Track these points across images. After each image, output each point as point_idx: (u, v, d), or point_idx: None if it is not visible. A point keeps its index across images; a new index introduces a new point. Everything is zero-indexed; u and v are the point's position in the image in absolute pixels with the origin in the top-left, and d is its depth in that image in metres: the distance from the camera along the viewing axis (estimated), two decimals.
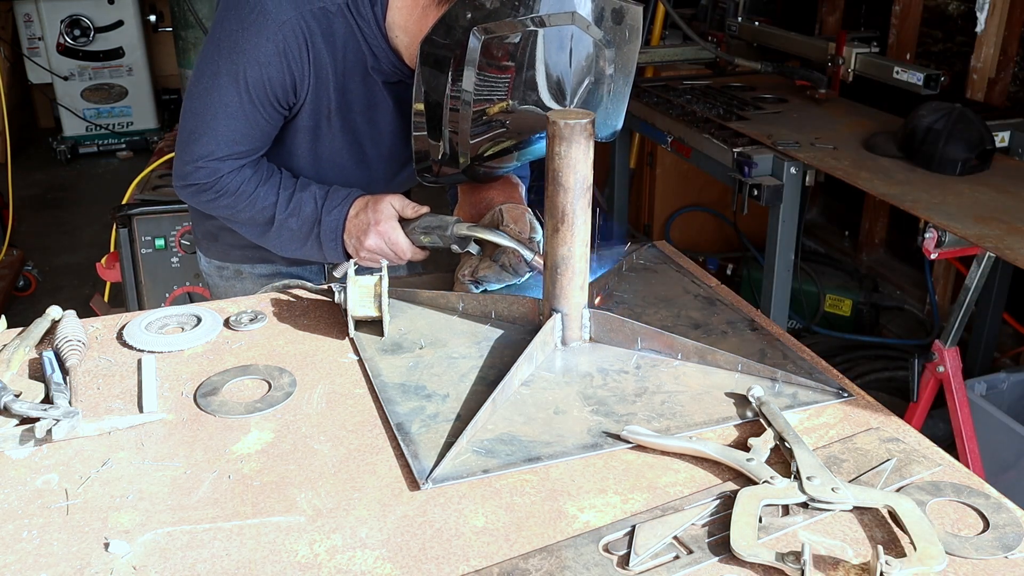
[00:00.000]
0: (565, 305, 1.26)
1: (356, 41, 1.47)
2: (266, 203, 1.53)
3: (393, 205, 1.49)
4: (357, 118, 1.56)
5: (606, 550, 0.91)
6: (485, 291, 1.43)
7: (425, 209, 1.50)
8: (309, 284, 1.46)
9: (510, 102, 1.38)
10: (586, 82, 1.40)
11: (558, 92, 1.39)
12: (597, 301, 1.37)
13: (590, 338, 1.29)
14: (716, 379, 1.21)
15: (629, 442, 1.07)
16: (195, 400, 1.17)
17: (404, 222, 1.49)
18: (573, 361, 1.26)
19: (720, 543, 0.91)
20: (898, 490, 0.99)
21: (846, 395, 1.17)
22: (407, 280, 1.54)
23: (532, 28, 1.33)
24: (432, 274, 1.56)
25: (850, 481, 1.00)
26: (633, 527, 0.93)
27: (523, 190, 1.62)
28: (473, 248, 1.45)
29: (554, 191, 1.19)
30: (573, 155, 1.16)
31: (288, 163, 1.60)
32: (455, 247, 1.46)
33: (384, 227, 1.48)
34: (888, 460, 1.04)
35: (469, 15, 1.32)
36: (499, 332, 1.33)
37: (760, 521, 0.93)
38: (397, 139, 1.61)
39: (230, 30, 1.43)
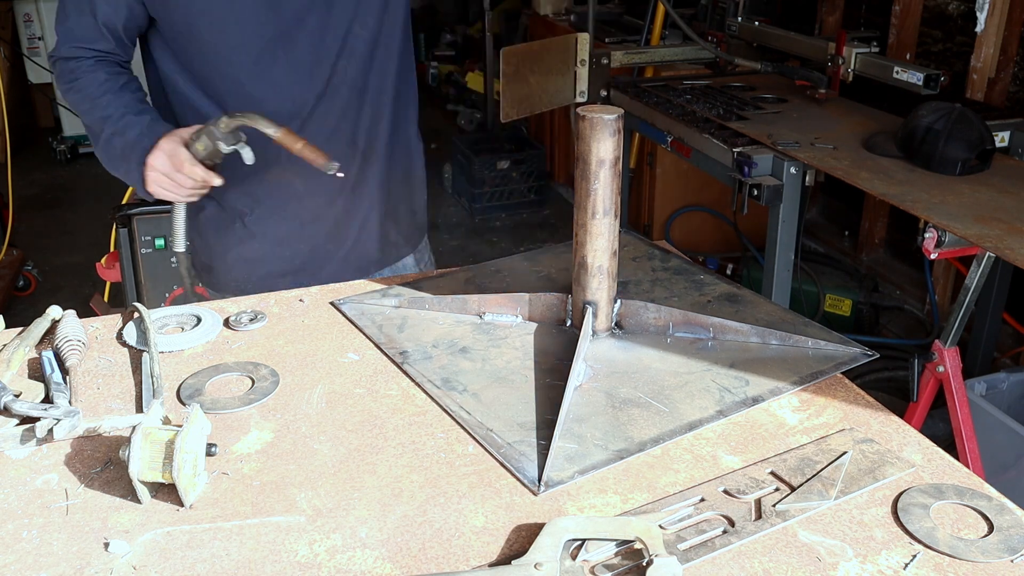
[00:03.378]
0: (597, 297, 1.28)
1: None
2: (104, 114, 1.59)
3: (182, 133, 1.54)
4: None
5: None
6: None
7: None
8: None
9: None
10: None
11: None
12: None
13: (617, 325, 1.32)
14: (754, 349, 1.28)
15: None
16: (182, 404, 1.16)
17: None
18: (608, 351, 1.28)
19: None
20: (901, 498, 0.99)
21: (871, 354, 1.26)
22: (419, 283, 1.54)
23: None
24: (446, 277, 1.56)
25: (809, 479, 1.00)
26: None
27: None
28: (245, 151, 1.51)
29: (584, 185, 1.21)
30: (603, 149, 1.19)
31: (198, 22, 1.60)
32: (221, 146, 1.50)
33: (166, 142, 1.53)
34: (845, 453, 1.04)
35: None
36: (527, 331, 1.34)
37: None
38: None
39: None
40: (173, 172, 1.53)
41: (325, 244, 1.82)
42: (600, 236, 1.23)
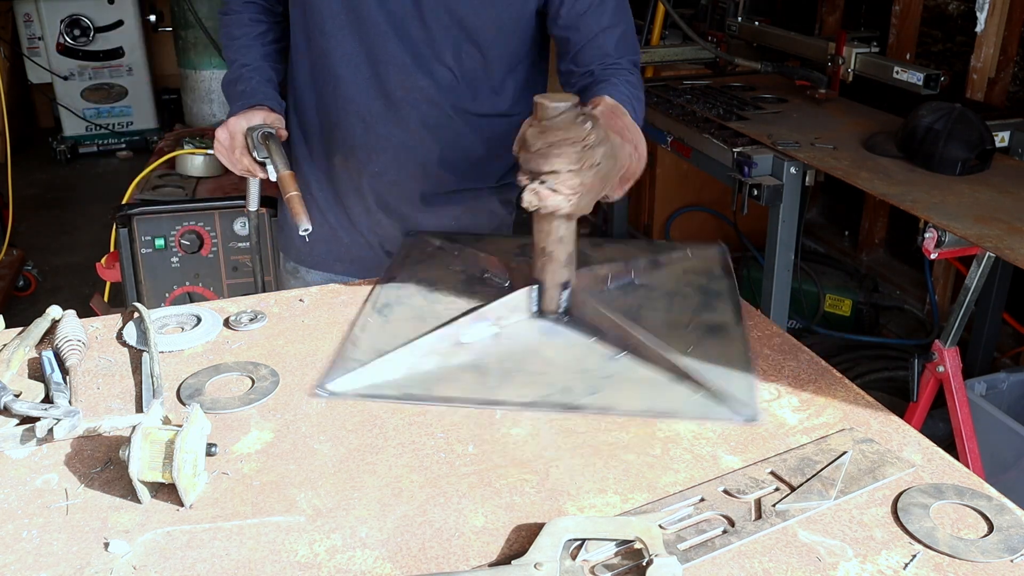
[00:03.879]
0: (545, 279, 1.31)
1: None
2: (232, 57, 1.70)
3: (258, 115, 1.60)
4: None
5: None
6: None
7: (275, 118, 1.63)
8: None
9: None
10: None
11: None
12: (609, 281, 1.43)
13: (566, 312, 1.33)
14: (647, 374, 1.22)
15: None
16: (182, 404, 1.16)
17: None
18: (534, 330, 1.32)
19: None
20: (901, 498, 0.99)
21: (753, 419, 1.12)
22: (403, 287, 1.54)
23: None
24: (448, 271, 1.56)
25: (809, 479, 1.00)
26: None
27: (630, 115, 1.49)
28: (269, 171, 1.59)
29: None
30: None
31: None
32: (255, 153, 1.58)
33: (235, 121, 1.60)
34: (845, 453, 1.04)
35: None
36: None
37: None
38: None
39: None
40: (229, 152, 1.62)
41: (380, 248, 1.81)
42: (551, 220, 1.24)
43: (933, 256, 2.26)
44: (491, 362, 1.25)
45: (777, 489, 0.99)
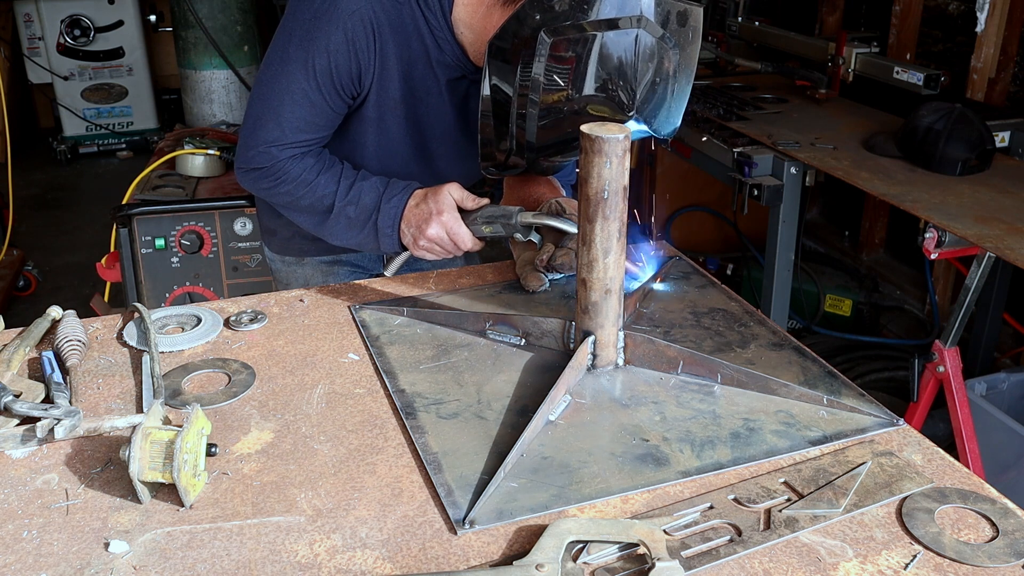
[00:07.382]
0: (598, 327, 1.19)
1: (421, 32, 1.50)
2: (326, 191, 1.54)
3: (452, 195, 1.49)
4: (421, 109, 1.58)
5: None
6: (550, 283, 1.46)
7: (485, 201, 1.49)
8: None
9: (576, 99, 1.37)
10: (650, 82, 1.38)
11: (624, 90, 1.37)
12: (627, 319, 1.31)
13: (625, 361, 1.24)
14: (759, 405, 1.15)
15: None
16: (169, 406, 1.16)
17: (464, 213, 1.49)
18: (605, 386, 1.19)
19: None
20: (905, 502, 0.99)
21: (898, 423, 1.12)
22: (429, 296, 1.54)
23: (600, 32, 1.32)
24: (460, 291, 1.56)
25: (820, 488, 0.99)
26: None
27: (564, 192, 1.64)
28: (534, 237, 1.46)
29: (587, 205, 1.12)
30: (608, 169, 1.10)
31: (353, 154, 1.62)
32: (518, 236, 1.46)
33: (447, 218, 1.48)
34: (863, 464, 1.03)
35: (538, 16, 1.33)
36: (528, 355, 1.27)
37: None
38: (459, 135, 1.63)
39: (302, 19, 1.48)
40: (449, 245, 1.50)
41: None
42: (602, 260, 1.15)
43: (933, 256, 2.26)
44: (609, 434, 1.10)
45: (789, 499, 0.98)
